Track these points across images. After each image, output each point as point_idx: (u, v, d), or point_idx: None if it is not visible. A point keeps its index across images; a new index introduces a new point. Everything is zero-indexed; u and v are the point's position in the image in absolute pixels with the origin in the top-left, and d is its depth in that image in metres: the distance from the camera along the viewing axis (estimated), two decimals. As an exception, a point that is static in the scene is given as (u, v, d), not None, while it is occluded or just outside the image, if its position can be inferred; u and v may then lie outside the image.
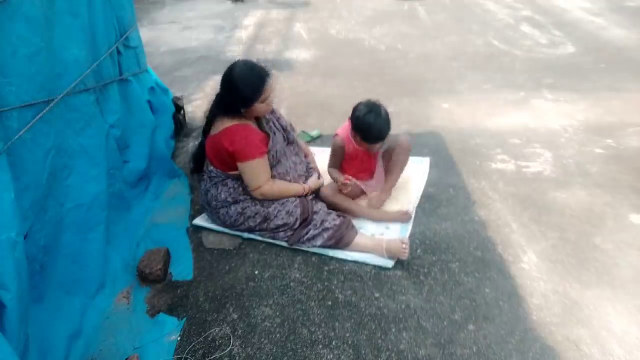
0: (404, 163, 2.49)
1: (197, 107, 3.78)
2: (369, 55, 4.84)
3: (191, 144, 3.21)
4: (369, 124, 2.21)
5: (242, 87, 2.06)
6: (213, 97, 2.25)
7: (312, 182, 2.41)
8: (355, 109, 2.29)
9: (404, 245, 2.08)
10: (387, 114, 2.25)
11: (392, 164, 2.48)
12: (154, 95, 2.94)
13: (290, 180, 2.32)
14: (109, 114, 2.33)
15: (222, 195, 2.27)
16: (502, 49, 4.88)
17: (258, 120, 2.25)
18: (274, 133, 2.28)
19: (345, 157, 2.46)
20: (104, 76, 2.31)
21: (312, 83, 4.19)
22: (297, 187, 2.31)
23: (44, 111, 1.78)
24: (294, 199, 2.27)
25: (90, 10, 2.15)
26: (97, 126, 2.19)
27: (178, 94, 3.45)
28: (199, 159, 2.38)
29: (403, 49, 5.01)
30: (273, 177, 2.25)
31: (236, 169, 2.20)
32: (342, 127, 2.42)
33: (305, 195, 2.33)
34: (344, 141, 2.40)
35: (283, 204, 2.24)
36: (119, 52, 2.48)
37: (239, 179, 2.25)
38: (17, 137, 1.62)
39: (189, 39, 5.52)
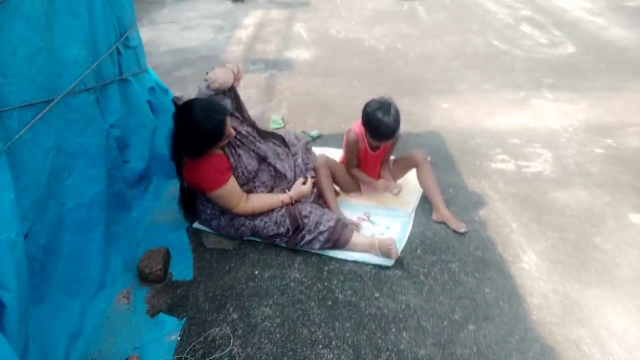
0: (433, 179, 2.45)
1: (197, 107, 3.77)
2: (369, 55, 4.84)
3: (191, 144, 3.20)
4: (378, 120, 2.21)
5: (204, 135, 2.00)
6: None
7: (294, 190, 2.28)
8: (366, 105, 2.29)
9: (388, 244, 2.08)
10: (397, 113, 2.24)
11: (425, 186, 2.46)
12: (154, 95, 2.94)
13: (289, 187, 2.32)
14: (109, 114, 2.33)
15: (208, 210, 2.28)
16: (502, 49, 4.88)
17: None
18: (239, 155, 2.21)
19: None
20: (104, 76, 2.31)
21: (312, 83, 4.19)
22: (274, 200, 2.23)
23: (44, 111, 1.78)
24: (279, 208, 2.23)
25: (90, 10, 2.15)
26: (97, 126, 2.18)
27: (178, 94, 3.43)
28: (186, 202, 2.35)
29: (403, 49, 5.00)
30: (251, 191, 2.23)
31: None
32: (356, 124, 2.41)
33: (290, 203, 2.25)
34: (358, 136, 2.40)
35: (269, 215, 2.22)
36: (119, 52, 2.48)
37: None
38: (17, 137, 1.61)
39: (189, 39, 5.51)
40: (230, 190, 2.14)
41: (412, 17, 6.12)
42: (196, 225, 2.44)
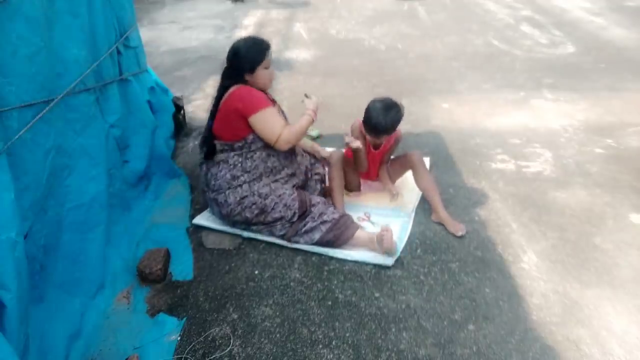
0: (430, 180, 2.44)
1: (197, 107, 3.78)
2: (369, 55, 4.85)
3: (191, 144, 3.21)
4: (372, 111, 2.25)
5: (247, 51, 2.22)
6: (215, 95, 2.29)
7: (309, 103, 2.34)
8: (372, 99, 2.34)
9: (382, 234, 2.08)
10: (397, 114, 2.27)
11: (423, 188, 2.46)
12: (154, 95, 2.94)
13: (297, 182, 2.35)
14: (109, 114, 2.33)
15: (222, 172, 2.24)
16: (502, 49, 4.88)
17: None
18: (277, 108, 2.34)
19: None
20: (104, 76, 2.31)
21: (312, 83, 4.19)
22: (307, 119, 2.27)
23: (44, 111, 1.78)
24: (291, 192, 2.24)
25: (90, 10, 2.15)
26: (97, 126, 2.19)
27: (178, 94, 3.45)
28: (209, 142, 2.30)
29: (403, 49, 5.01)
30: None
31: (244, 132, 2.20)
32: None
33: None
34: (361, 127, 2.40)
35: (280, 196, 2.22)
36: (119, 52, 2.48)
37: (242, 155, 2.23)
38: (17, 137, 1.62)
39: (189, 39, 5.52)
40: (274, 113, 2.22)
41: (412, 17, 6.13)
42: (196, 221, 2.44)
